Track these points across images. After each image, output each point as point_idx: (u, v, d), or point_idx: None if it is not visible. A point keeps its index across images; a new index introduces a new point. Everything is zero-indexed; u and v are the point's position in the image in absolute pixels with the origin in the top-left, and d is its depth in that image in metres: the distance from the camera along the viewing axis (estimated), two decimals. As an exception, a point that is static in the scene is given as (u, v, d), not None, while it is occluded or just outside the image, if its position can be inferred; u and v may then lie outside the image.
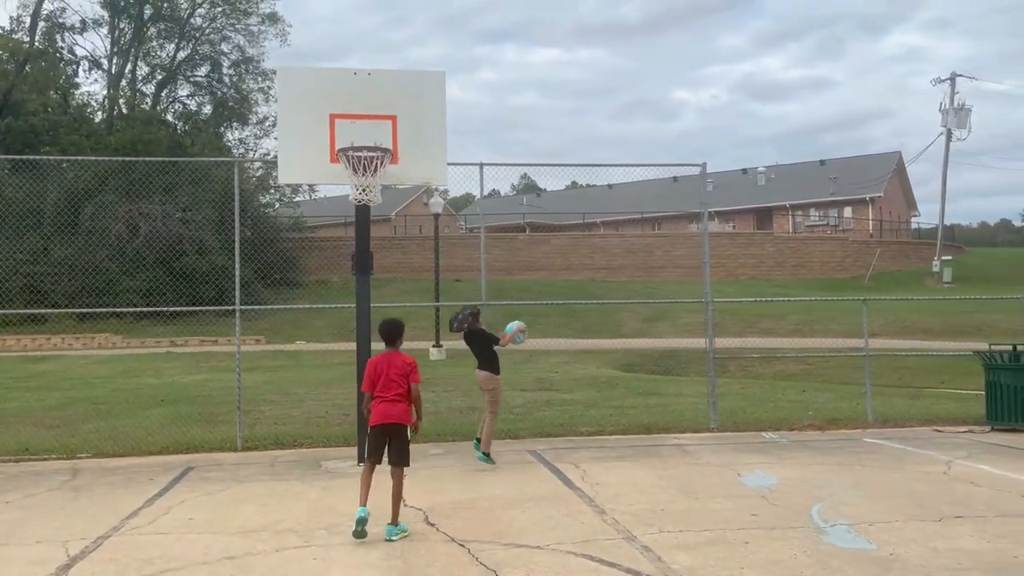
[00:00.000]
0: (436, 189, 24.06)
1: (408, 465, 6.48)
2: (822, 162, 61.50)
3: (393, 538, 6.19)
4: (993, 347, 11.79)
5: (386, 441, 6.43)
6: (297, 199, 40.14)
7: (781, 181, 59.25)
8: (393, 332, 6.60)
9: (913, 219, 61.65)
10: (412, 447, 9.88)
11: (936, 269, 43.07)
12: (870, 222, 52.88)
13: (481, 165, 11.24)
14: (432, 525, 6.65)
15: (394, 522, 6.27)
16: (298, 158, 8.04)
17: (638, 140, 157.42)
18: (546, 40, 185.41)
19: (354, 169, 7.66)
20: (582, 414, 12.73)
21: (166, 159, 16.05)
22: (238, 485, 8.32)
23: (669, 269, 40.41)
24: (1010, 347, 11.70)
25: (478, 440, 8.93)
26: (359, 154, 7.65)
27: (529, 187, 77.55)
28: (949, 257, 44.61)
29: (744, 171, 59.78)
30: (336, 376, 20.22)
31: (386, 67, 8.22)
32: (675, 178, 58.31)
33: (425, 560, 5.76)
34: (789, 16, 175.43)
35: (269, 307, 13.07)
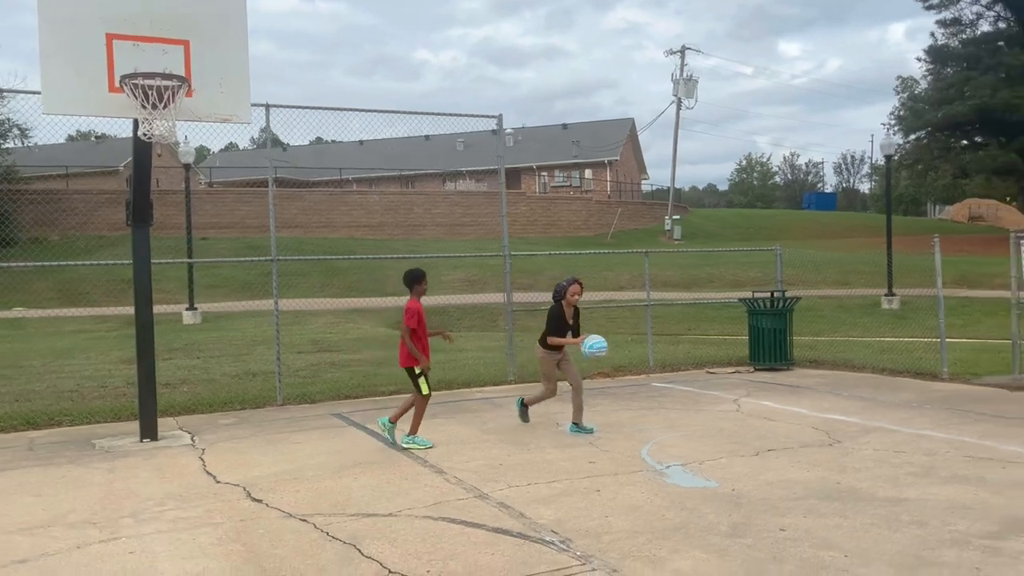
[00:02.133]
0: (185, 140, 21.87)
1: (420, 392, 7.53)
2: (565, 126, 64.39)
3: (405, 444, 7.45)
4: (756, 294, 12.88)
5: None
6: (6, 146, 34.87)
7: (528, 143, 61.23)
8: (406, 279, 7.61)
9: (644, 182, 66.64)
10: (200, 418, 9.35)
11: (668, 227, 46.87)
12: (608, 184, 56.34)
13: (267, 106, 10.35)
14: (259, 501, 5.97)
15: (411, 432, 7.55)
16: (67, 86, 6.69)
17: (381, 98, 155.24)
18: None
19: (144, 100, 6.54)
20: (375, 373, 12.27)
21: None
22: (-3, 475, 6.99)
23: (429, 227, 40.36)
24: (768, 294, 12.88)
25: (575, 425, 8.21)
26: (150, 82, 6.52)
27: (273, 141, 73.60)
28: (678, 217, 48.74)
29: (493, 132, 61.00)
30: (74, 345, 17.91)
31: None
32: (427, 136, 58.27)
33: (269, 541, 5.11)
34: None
35: (45, 263, 10.41)
